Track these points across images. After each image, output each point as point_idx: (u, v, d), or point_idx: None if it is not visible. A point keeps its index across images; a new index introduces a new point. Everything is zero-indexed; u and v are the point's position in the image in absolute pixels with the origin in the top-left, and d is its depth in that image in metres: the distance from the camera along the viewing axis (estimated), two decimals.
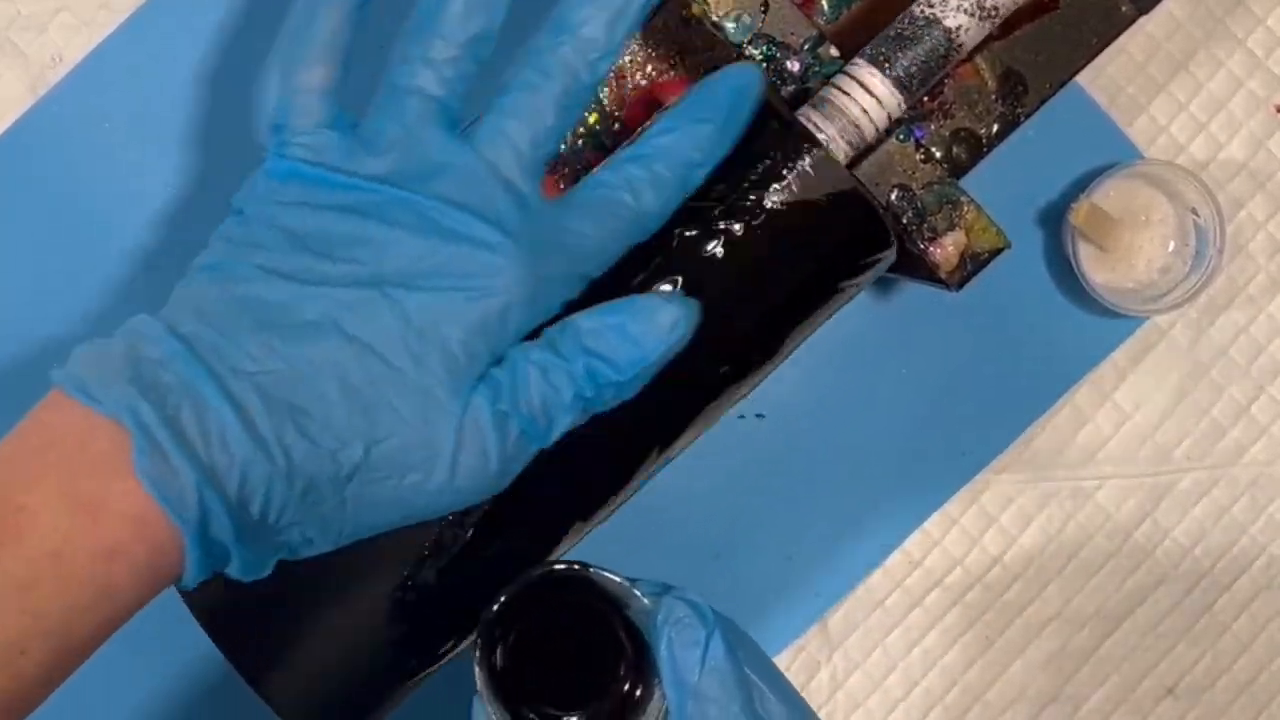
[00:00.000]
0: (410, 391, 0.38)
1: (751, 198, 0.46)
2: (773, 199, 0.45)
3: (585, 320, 0.39)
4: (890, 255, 0.48)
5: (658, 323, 0.39)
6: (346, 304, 0.38)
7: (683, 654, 0.42)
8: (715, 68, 0.49)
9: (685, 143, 0.41)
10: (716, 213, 0.46)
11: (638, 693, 0.43)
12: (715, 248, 0.45)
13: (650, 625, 0.42)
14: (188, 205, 0.56)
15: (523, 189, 0.40)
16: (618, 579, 0.43)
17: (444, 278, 0.38)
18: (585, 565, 0.43)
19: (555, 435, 0.40)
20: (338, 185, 0.39)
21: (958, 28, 0.48)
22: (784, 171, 0.46)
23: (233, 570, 0.37)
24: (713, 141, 0.42)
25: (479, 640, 0.42)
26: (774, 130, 0.46)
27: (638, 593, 0.43)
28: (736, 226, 0.45)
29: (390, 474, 0.38)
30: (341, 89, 0.41)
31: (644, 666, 0.42)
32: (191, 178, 0.57)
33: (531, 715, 0.42)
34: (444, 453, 0.38)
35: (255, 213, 0.39)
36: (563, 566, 0.43)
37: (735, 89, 0.42)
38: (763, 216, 0.45)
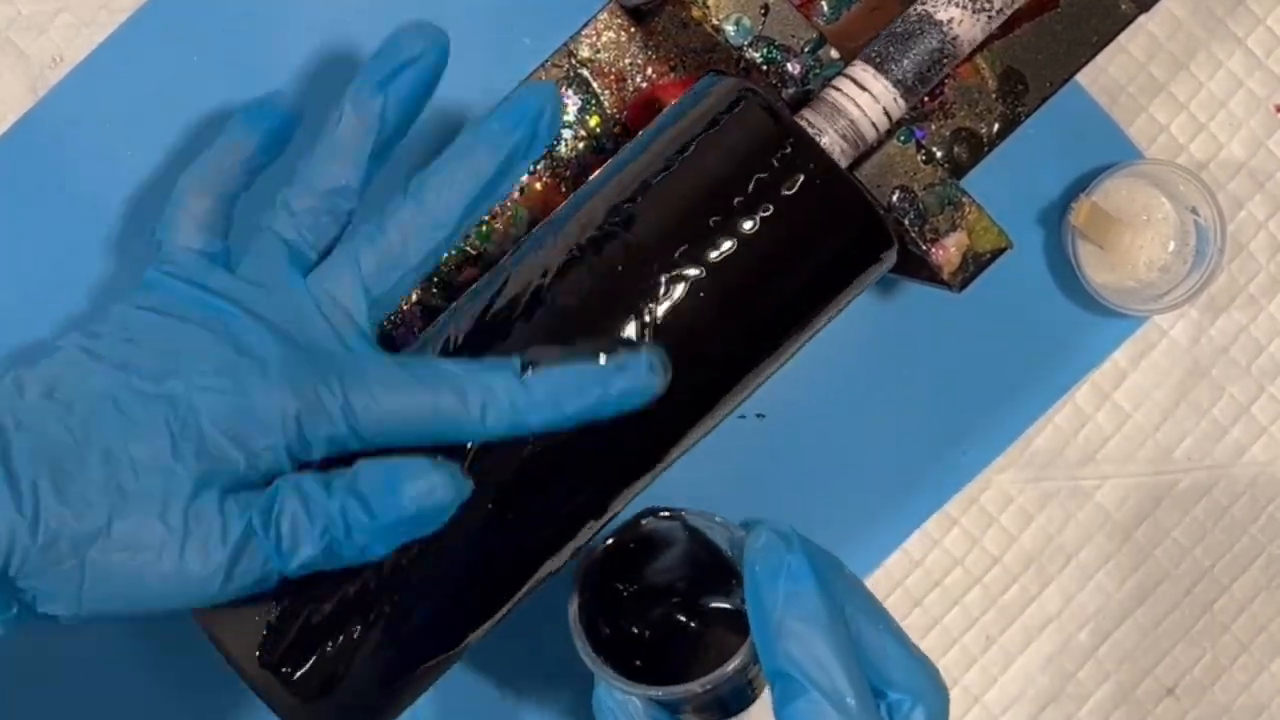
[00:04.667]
0: (159, 474, 0.40)
1: (752, 201, 0.46)
2: (773, 202, 0.45)
3: (365, 465, 0.42)
4: (891, 257, 0.48)
5: (421, 485, 0.41)
6: (127, 385, 0.41)
7: (765, 584, 0.39)
8: (716, 70, 0.49)
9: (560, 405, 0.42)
10: (718, 217, 0.46)
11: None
12: (720, 251, 0.45)
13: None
14: None
15: (341, 331, 0.43)
16: (710, 518, 0.43)
17: (222, 379, 0.41)
18: (676, 511, 0.44)
19: (295, 564, 0.41)
20: (181, 295, 0.43)
21: (956, 25, 0.48)
22: (784, 175, 0.46)
23: None
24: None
25: (578, 599, 0.43)
26: (774, 133, 0.46)
27: (729, 526, 0.42)
28: (737, 230, 0.45)
29: (127, 547, 0.40)
30: (223, 226, 0.45)
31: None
32: None
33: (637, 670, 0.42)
34: (175, 539, 0.40)
35: (115, 311, 0.44)
36: (652, 517, 0.44)
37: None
38: (763, 220, 0.45)
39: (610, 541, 0.44)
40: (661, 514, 0.44)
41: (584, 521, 0.47)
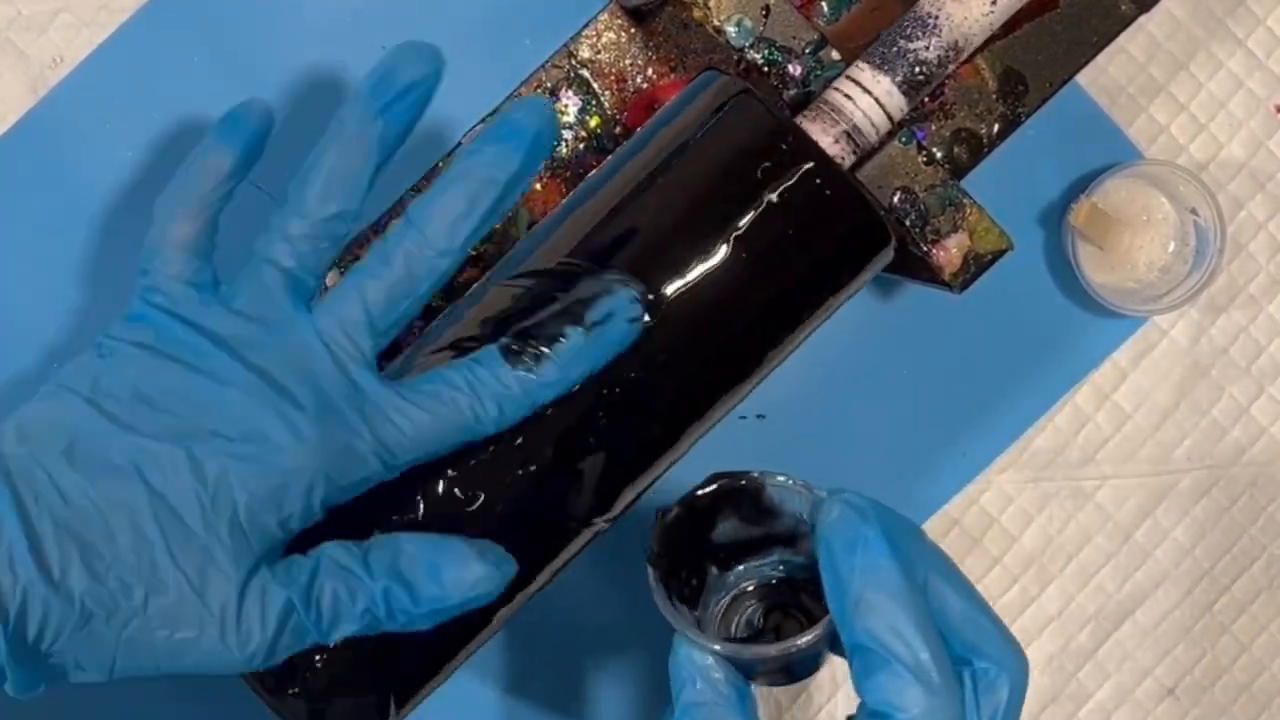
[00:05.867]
0: (195, 550, 0.40)
1: (753, 201, 0.46)
2: (773, 202, 0.45)
3: (406, 544, 0.41)
4: (889, 252, 0.48)
5: (466, 575, 0.41)
6: (152, 454, 0.40)
7: (841, 558, 0.38)
8: (716, 70, 0.49)
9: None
10: (718, 216, 0.46)
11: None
12: (718, 250, 0.45)
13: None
14: None
15: (349, 368, 0.42)
16: (786, 482, 0.44)
17: (247, 444, 0.40)
18: (751, 474, 0.44)
19: (335, 638, 0.41)
20: (180, 337, 0.42)
21: (957, 25, 0.48)
22: (781, 171, 0.46)
23: (7, 688, 0.39)
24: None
25: (655, 555, 0.43)
26: (771, 130, 0.46)
27: (808, 489, 0.43)
28: (738, 229, 0.45)
29: (165, 625, 0.40)
30: (208, 247, 0.44)
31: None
32: None
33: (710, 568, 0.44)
34: (216, 618, 0.40)
35: (110, 349, 0.42)
36: (726, 479, 0.44)
37: None
38: (763, 219, 0.46)
39: (684, 503, 0.44)
40: (736, 478, 0.44)
41: (589, 522, 0.47)
